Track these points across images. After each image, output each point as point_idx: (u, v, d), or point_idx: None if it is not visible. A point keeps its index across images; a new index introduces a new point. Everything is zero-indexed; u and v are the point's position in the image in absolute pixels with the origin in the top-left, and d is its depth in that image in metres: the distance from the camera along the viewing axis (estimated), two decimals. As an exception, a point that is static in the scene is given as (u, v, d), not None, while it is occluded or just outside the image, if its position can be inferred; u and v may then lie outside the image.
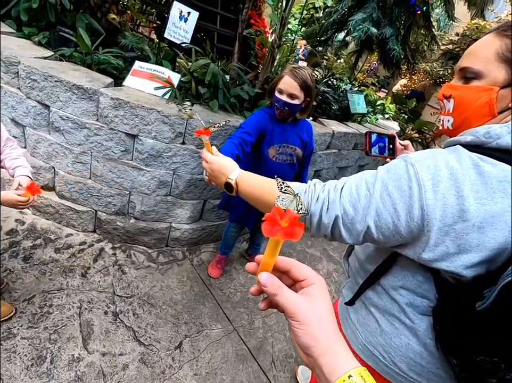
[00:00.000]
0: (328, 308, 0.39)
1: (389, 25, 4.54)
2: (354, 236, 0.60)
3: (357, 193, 0.59)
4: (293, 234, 0.34)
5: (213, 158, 0.81)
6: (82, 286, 1.70)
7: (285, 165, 1.65)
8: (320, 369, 0.37)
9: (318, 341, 0.36)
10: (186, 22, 2.19)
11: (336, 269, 2.65)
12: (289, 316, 0.37)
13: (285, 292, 0.38)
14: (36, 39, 2.01)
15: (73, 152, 1.82)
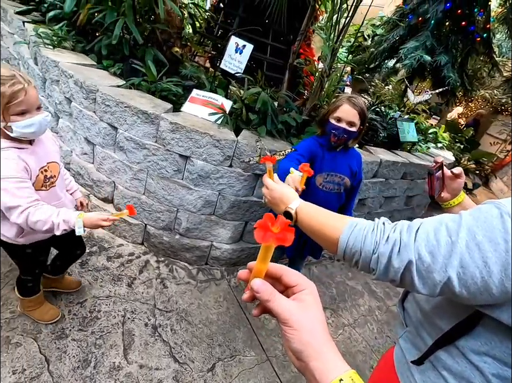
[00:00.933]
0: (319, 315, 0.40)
1: (444, 52, 4.38)
2: (429, 286, 0.54)
3: (436, 239, 0.53)
4: (284, 239, 0.35)
5: (274, 185, 0.81)
6: (127, 296, 1.79)
7: (331, 194, 1.60)
8: (311, 374, 0.37)
9: (309, 347, 0.37)
10: (241, 54, 2.35)
11: (379, 307, 2.46)
12: (282, 322, 0.38)
13: (277, 298, 0.39)
14: (112, 70, 2.30)
15: (132, 169, 1.99)
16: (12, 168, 0.99)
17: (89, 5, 2.47)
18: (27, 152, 1.06)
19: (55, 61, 2.13)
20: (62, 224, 1.02)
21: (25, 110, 0.98)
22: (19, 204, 0.99)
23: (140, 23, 2.54)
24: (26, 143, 1.07)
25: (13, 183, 0.98)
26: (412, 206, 3.61)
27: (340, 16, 2.30)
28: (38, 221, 1.00)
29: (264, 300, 0.39)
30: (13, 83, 0.94)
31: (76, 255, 1.57)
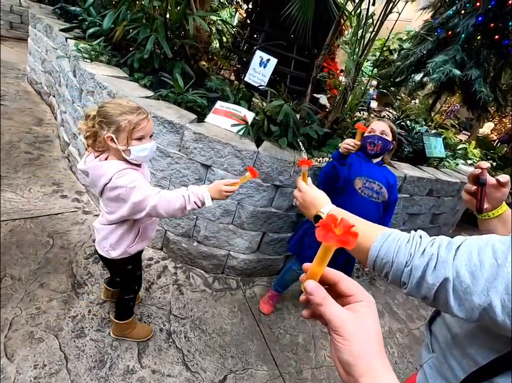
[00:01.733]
0: (375, 329, 0.37)
1: (475, 66, 4.25)
2: (466, 309, 0.49)
3: (480, 259, 0.49)
4: (347, 242, 0.33)
5: (307, 188, 0.81)
6: (144, 300, 1.83)
7: (370, 202, 1.64)
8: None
9: (360, 360, 0.34)
10: (265, 67, 2.41)
11: (400, 330, 2.34)
12: (333, 330, 0.36)
13: (330, 303, 0.37)
14: (142, 82, 2.43)
15: (156, 176, 2.06)
16: (137, 175, 1.12)
17: (125, 22, 2.65)
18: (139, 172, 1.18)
19: (91, 74, 2.28)
20: (192, 196, 1.09)
21: (142, 137, 1.11)
22: (149, 193, 1.08)
23: (170, 39, 2.68)
24: (136, 166, 1.19)
25: (141, 182, 1.10)
26: (438, 224, 3.44)
27: (365, 31, 2.30)
28: (171, 198, 1.08)
29: (316, 303, 0.37)
30: (138, 113, 1.09)
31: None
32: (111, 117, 1.06)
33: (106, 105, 1.10)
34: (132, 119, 1.07)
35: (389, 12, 2.21)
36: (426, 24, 5.03)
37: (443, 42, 4.67)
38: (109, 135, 1.07)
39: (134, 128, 1.08)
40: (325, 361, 1.87)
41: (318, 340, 2.00)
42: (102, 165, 1.12)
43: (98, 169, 1.11)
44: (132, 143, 1.10)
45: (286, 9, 2.98)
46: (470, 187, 0.82)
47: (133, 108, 1.09)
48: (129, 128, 1.07)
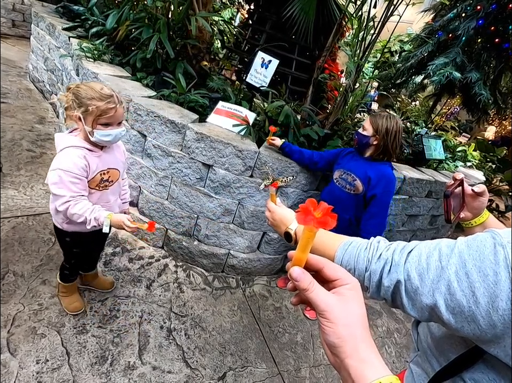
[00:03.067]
0: (360, 311, 0.38)
1: (475, 69, 4.27)
2: (417, 308, 0.53)
3: (427, 262, 0.52)
4: (326, 223, 0.35)
5: (275, 208, 0.85)
6: (145, 297, 1.85)
7: (342, 192, 1.77)
8: (347, 372, 0.36)
9: (345, 342, 0.36)
10: (267, 68, 2.43)
11: (398, 330, 2.36)
12: (319, 314, 0.38)
13: (316, 288, 0.38)
14: (145, 81, 2.45)
15: (158, 175, 2.08)
16: (74, 164, 1.15)
17: (128, 22, 2.67)
18: (94, 155, 1.23)
19: (94, 73, 2.30)
20: (93, 221, 1.16)
21: (109, 123, 1.18)
22: (65, 195, 1.14)
23: (172, 39, 2.70)
24: (98, 147, 1.25)
25: (69, 177, 1.15)
26: (437, 225, 3.46)
27: (366, 33, 2.33)
28: (75, 213, 1.16)
29: (302, 289, 0.38)
30: (108, 101, 1.14)
31: (95, 250, 1.69)
32: (82, 99, 1.12)
33: (81, 86, 1.15)
34: (100, 106, 1.12)
35: (390, 15, 2.23)
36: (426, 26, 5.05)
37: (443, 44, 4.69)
38: (77, 114, 1.13)
39: (100, 115, 1.14)
40: (324, 360, 1.89)
41: (316, 339, 2.02)
42: (60, 136, 1.21)
43: (57, 140, 1.21)
44: (97, 128, 1.16)
45: (288, 10, 3.00)
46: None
47: (104, 96, 1.13)
48: (95, 113, 1.13)
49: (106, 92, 1.15)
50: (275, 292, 2.28)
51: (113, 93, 1.17)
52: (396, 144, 1.66)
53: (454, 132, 6.55)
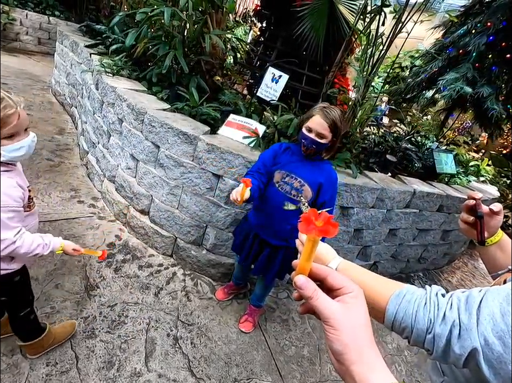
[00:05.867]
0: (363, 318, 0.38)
1: (487, 84, 4.26)
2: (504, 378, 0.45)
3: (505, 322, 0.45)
4: (327, 231, 0.36)
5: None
6: (153, 305, 1.87)
7: (286, 197, 1.51)
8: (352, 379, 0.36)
9: (350, 349, 0.36)
10: (277, 83, 2.50)
11: (408, 347, 2.29)
12: (323, 321, 0.38)
13: (320, 296, 0.38)
14: (160, 95, 2.56)
15: (169, 185, 2.14)
16: (9, 196, 0.95)
17: (146, 40, 2.82)
18: (14, 174, 1.01)
19: (113, 87, 2.42)
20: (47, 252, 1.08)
21: (14, 133, 0.93)
22: (6, 237, 0.96)
23: (187, 55, 2.82)
24: (11, 164, 1.01)
25: (6, 213, 0.95)
26: (449, 241, 3.39)
27: (375, 49, 2.38)
28: (24, 252, 1.02)
29: (307, 297, 0.39)
30: (4, 107, 0.89)
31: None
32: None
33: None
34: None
35: (398, 32, 2.28)
36: (437, 42, 5.11)
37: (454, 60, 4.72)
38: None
39: (1, 127, 0.89)
40: (331, 376, 1.85)
41: (323, 353, 1.98)
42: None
43: None
44: (2, 143, 0.91)
45: (299, 28, 3.11)
46: (466, 217, 0.83)
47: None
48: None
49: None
50: (282, 304, 2.26)
51: (2, 95, 0.90)
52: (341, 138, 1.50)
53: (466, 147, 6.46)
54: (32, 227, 1.17)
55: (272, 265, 1.69)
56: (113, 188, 2.54)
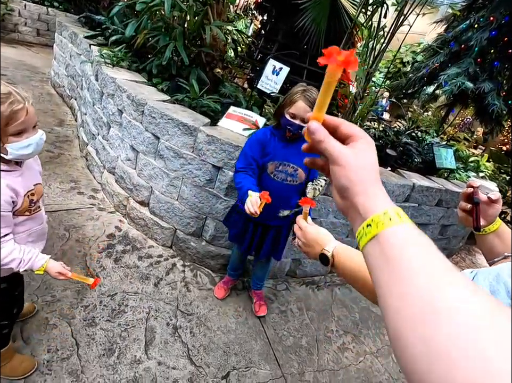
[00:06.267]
0: (371, 159, 0.39)
1: (488, 80, 4.25)
2: None
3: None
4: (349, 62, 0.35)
5: (308, 227, 0.78)
6: (153, 295, 1.89)
7: (283, 184, 1.58)
8: (355, 209, 0.37)
9: (354, 183, 0.37)
10: (278, 75, 2.49)
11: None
12: (331, 162, 0.39)
13: (331, 139, 0.39)
14: (160, 86, 2.55)
15: (169, 176, 2.15)
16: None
17: (146, 31, 2.79)
18: (15, 175, 0.96)
19: (112, 78, 2.41)
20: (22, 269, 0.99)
21: (22, 130, 0.90)
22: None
23: (187, 47, 2.80)
24: (16, 165, 0.97)
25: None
26: (447, 236, 3.41)
27: (376, 42, 2.37)
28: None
29: (318, 140, 0.39)
30: (11, 102, 0.85)
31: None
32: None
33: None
34: (4, 111, 0.84)
35: (400, 25, 2.27)
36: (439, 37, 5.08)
37: (455, 55, 4.70)
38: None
39: (8, 124, 0.85)
40: (328, 365, 1.88)
41: (321, 344, 2.01)
42: None
43: None
44: (9, 140, 0.88)
45: (300, 21, 3.08)
46: (464, 205, 0.85)
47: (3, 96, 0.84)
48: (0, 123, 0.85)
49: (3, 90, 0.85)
50: (281, 296, 2.29)
51: (10, 89, 0.87)
52: None
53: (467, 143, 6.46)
54: (34, 233, 1.09)
55: (279, 243, 1.79)
56: (112, 180, 2.54)
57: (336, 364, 1.91)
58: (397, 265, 0.31)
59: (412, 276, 0.30)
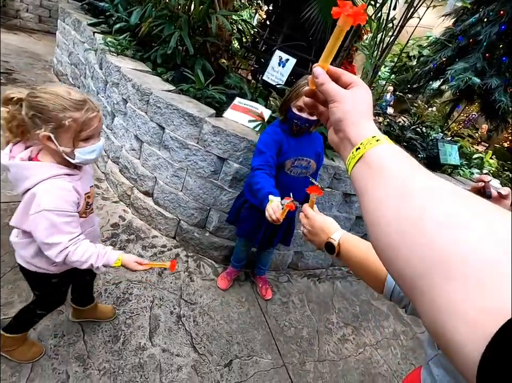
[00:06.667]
0: (366, 98, 0.42)
1: (496, 75, 4.20)
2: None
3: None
4: (358, 14, 0.40)
5: (315, 215, 0.78)
6: (157, 284, 1.91)
7: (299, 179, 1.65)
8: (347, 139, 0.40)
9: (348, 115, 0.40)
10: (284, 67, 2.46)
11: (404, 332, 2.34)
12: (329, 102, 0.42)
13: (331, 83, 0.43)
14: (165, 76, 2.52)
15: (174, 167, 2.15)
16: (64, 200, 0.92)
17: (151, 19, 2.76)
18: (76, 178, 0.99)
19: (117, 67, 2.39)
20: (101, 268, 1.00)
21: (91, 136, 0.94)
22: (61, 241, 0.92)
23: (192, 36, 2.77)
24: (75, 169, 0.99)
25: (62, 217, 0.91)
26: (449, 232, 3.41)
27: (384, 35, 2.34)
28: (76, 261, 0.95)
29: (320, 83, 0.44)
30: (87, 109, 0.90)
31: (87, 281, 1.43)
32: (49, 112, 0.85)
33: (41, 95, 0.85)
34: (79, 118, 0.88)
35: (409, 17, 2.23)
36: (447, 30, 5.00)
37: (463, 49, 4.63)
38: (45, 134, 0.86)
39: (82, 130, 0.90)
40: (328, 356, 1.91)
41: (322, 335, 2.04)
42: (30, 166, 0.91)
43: (23, 170, 0.90)
44: (80, 145, 0.92)
45: (306, 12, 3.03)
46: None
47: (78, 102, 0.88)
48: (74, 128, 0.88)
49: (78, 97, 0.89)
50: (283, 288, 2.31)
51: (85, 97, 0.92)
52: None
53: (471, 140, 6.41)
54: (88, 235, 1.11)
55: (290, 231, 1.90)
56: (117, 169, 2.54)
57: (336, 354, 1.94)
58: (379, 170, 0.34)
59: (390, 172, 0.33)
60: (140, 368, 1.45)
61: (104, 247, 1.03)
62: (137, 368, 1.45)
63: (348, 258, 0.71)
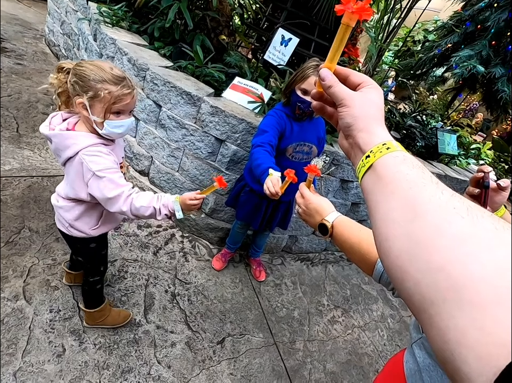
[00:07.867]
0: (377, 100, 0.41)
1: (500, 64, 4.12)
2: None
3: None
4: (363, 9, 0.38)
5: (311, 195, 0.77)
6: (152, 263, 1.92)
7: (301, 163, 1.59)
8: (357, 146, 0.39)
9: (356, 120, 0.39)
10: (286, 46, 2.38)
11: (392, 316, 2.43)
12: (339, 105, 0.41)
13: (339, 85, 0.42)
14: (162, 51, 2.43)
15: (170, 147, 2.11)
16: (109, 160, 1.00)
17: (148, -11, 2.61)
18: (110, 148, 1.04)
19: (112, 39, 2.28)
20: (163, 209, 1.02)
21: (122, 112, 0.99)
22: (123, 191, 0.99)
23: (192, 9, 2.64)
24: (109, 141, 1.06)
25: (114, 173, 0.99)
26: (441, 220, 3.47)
27: (392, 16, 2.25)
28: (141, 206, 1.00)
29: (328, 86, 0.42)
30: (123, 85, 0.95)
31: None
32: (89, 81, 0.91)
33: (85, 65, 0.93)
34: (114, 92, 0.93)
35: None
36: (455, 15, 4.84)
37: (470, 36, 4.52)
38: (81, 101, 0.93)
39: (114, 103, 0.95)
40: (318, 336, 1.98)
41: (312, 316, 2.10)
42: (71, 135, 0.98)
43: (65, 140, 0.97)
44: (110, 118, 0.97)
45: (312, -13, 2.90)
46: (472, 190, 0.84)
47: (117, 78, 0.94)
48: (108, 100, 0.93)
49: (118, 73, 0.96)
50: (276, 270, 2.35)
51: (125, 75, 0.98)
52: None
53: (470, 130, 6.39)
54: None
55: (288, 214, 1.89)
56: (112, 147, 2.49)
57: (325, 335, 2.01)
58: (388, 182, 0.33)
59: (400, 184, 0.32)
60: (135, 343, 1.49)
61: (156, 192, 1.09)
62: (132, 343, 1.48)
63: (341, 240, 0.71)
